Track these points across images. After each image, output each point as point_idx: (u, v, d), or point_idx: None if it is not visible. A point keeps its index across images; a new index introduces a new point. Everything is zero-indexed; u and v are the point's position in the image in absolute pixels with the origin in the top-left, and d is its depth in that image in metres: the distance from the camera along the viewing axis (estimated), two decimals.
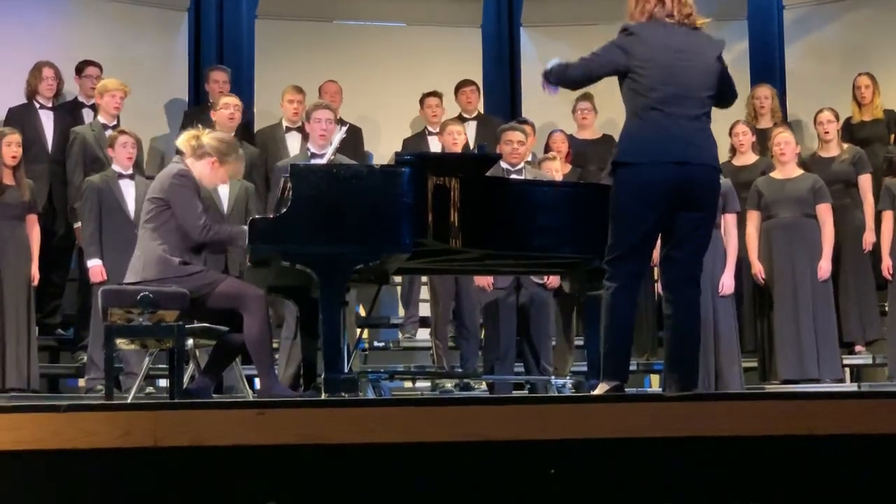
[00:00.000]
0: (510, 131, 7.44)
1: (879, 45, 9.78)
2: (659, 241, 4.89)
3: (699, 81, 4.75)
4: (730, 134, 8.49)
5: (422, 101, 9.22)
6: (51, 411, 3.53)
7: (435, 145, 8.92)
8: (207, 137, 5.65)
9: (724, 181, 7.41)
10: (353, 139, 8.97)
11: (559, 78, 4.94)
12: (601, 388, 4.65)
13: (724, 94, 4.91)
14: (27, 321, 7.41)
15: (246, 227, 5.42)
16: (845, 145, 8.42)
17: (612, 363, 4.68)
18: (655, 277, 7.25)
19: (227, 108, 8.05)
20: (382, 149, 9.39)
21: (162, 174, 5.66)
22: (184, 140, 5.68)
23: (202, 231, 5.46)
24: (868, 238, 8.07)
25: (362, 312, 8.23)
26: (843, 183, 8.18)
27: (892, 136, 8.78)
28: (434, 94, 9.17)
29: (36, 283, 7.51)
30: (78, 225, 7.71)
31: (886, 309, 8.18)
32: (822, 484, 3.61)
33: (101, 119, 8.08)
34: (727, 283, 7.24)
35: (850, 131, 8.83)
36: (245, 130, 8.66)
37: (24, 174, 7.54)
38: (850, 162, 8.23)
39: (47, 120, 8.30)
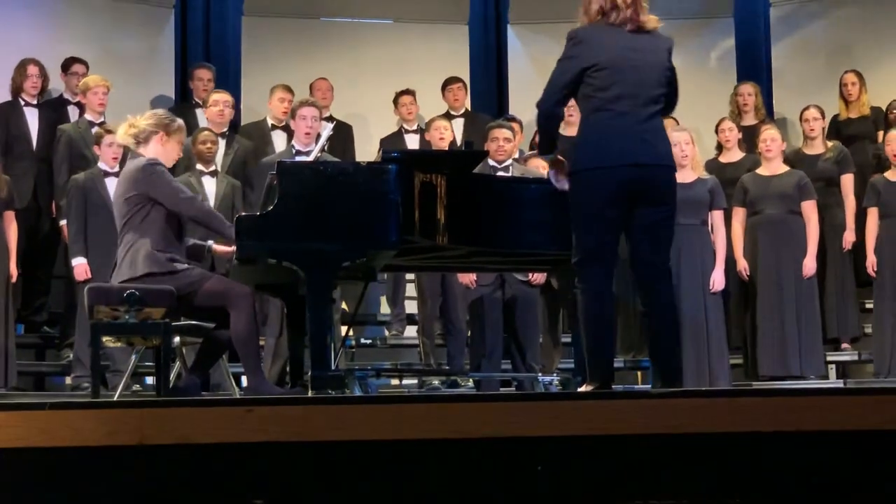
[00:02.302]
0: (497, 129, 7.46)
1: (865, 43, 9.82)
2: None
3: (650, 79, 4.73)
4: (716, 131, 8.52)
5: (395, 101, 9.25)
6: (36, 409, 3.52)
7: (412, 143, 8.95)
8: (142, 120, 5.62)
9: (711, 178, 7.44)
10: (343, 137, 8.99)
11: (543, 133, 4.87)
12: (587, 389, 4.66)
13: (669, 97, 4.84)
14: (5, 318, 7.35)
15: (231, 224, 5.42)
16: (830, 143, 8.44)
17: (596, 364, 4.68)
18: None
19: (216, 104, 8.04)
20: (371, 146, 9.38)
21: (126, 172, 5.58)
22: (123, 134, 5.64)
23: (192, 206, 5.46)
24: (848, 237, 8.10)
25: (344, 306, 8.22)
26: (826, 181, 8.20)
27: (880, 133, 8.81)
28: (407, 92, 9.22)
29: (14, 279, 7.46)
30: (63, 222, 7.69)
31: (868, 306, 8.23)
32: (807, 480, 3.62)
33: (88, 116, 8.06)
34: (717, 280, 7.26)
35: (836, 128, 8.86)
36: (231, 127, 8.65)
37: (1, 171, 7.50)
38: (834, 160, 8.25)
39: (32, 117, 8.27)
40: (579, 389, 4.81)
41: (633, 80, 4.69)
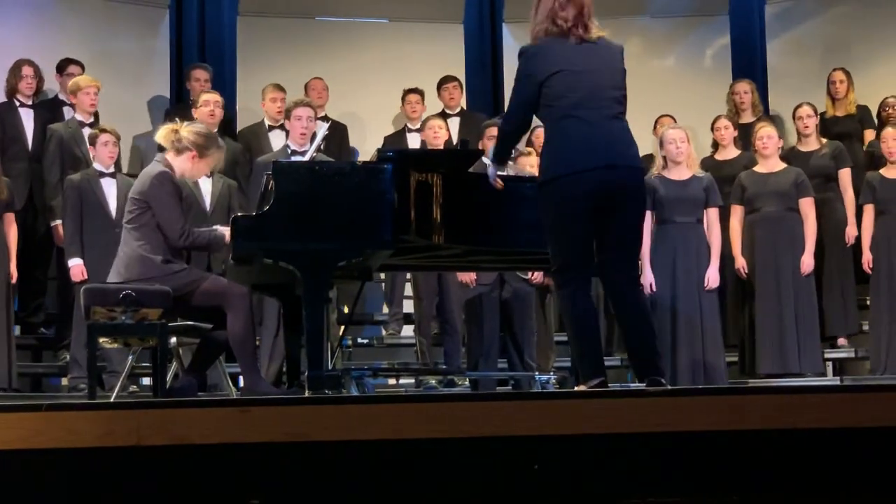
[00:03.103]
0: (493, 127, 7.45)
1: (859, 41, 9.84)
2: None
3: (607, 81, 4.73)
4: (712, 129, 8.53)
5: (403, 98, 9.23)
6: (33, 410, 3.51)
7: (415, 142, 8.94)
8: (185, 131, 5.65)
9: (706, 175, 7.44)
10: (338, 136, 8.98)
11: (503, 148, 4.97)
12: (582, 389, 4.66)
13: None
14: (6, 320, 7.33)
15: (225, 233, 5.43)
16: (824, 140, 8.45)
17: (588, 364, 4.68)
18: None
19: (207, 105, 8.03)
20: (367, 145, 9.39)
21: (144, 173, 5.65)
22: (163, 134, 5.68)
23: (180, 237, 5.46)
24: (850, 232, 8.10)
25: (345, 309, 8.23)
26: (823, 177, 8.21)
27: (871, 132, 8.83)
28: (415, 90, 9.19)
29: (14, 280, 7.45)
30: (55, 223, 7.69)
31: (867, 302, 8.23)
32: (803, 478, 3.63)
33: (79, 117, 8.04)
34: (712, 277, 7.25)
35: (824, 126, 8.86)
36: (227, 127, 8.64)
37: (0, 172, 7.49)
38: (830, 156, 8.26)
39: (27, 118, 8.26)
40: (575, 389, 4.82)
41: (587, 85, 4.69)
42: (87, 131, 7.81)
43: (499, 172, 5.01)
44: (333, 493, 3.56)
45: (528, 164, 7.80)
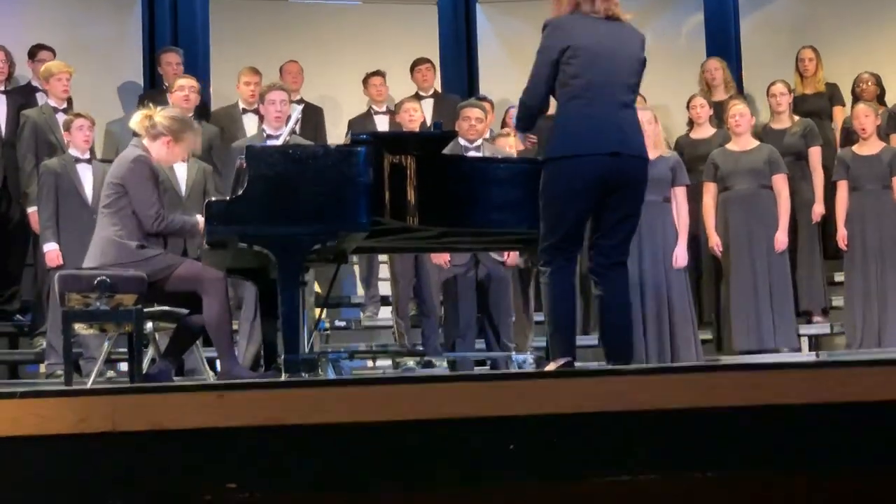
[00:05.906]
0: (469, 108, 7.45)
1: (831, 18, 9.87)
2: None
3: (625, 68, 4.72)
4: (687, 107, 8.54)
5: (365, 82, 9.21)
6: (8, 398, 3.50)
7: (382, 124, 8.93)
8: (160, 116, 5.62)
9: (672, 155, 7.45)
10: (314, 119, 8.97)
11: (525, 119, 4.95)
12: (551, 368, 4.68)
13: None
14: None
15: (200, 220, 5.41)
16: (796, 118, 8.47)
17: (559, 342, 4.71)
18: None
19: (181, 89, 7.99)
20: (342, 128, 9.37)
21: (121, 158, 5.62)
22: (137, 121, 5.65)
23: (154, 222, 5.43)
24: (817, 210, 8.14)
25: (316, 288, 8.22)
26: (794, 155, 8.24)
27: (840, 109, 8.86)
28: (377, 73, 9.18)
29: None
30: (30, 210, 7.64)
31: (836, 279, 8.28)
32: (778, 453, 3.65)
33: (52, 103, 7.99)
34: (680, 256, 7.26)
35: (793, 104, 8.89)
36: (201, 111, 8.61)
37: None
38: (801, 134, 8.29)
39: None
40: (546, 368, 4.83)
41: (606, 68, 4.68)
42: (60, 117, 7.77)
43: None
44: (311, 476, 3.56)
45: (507, 144, 7.81)
